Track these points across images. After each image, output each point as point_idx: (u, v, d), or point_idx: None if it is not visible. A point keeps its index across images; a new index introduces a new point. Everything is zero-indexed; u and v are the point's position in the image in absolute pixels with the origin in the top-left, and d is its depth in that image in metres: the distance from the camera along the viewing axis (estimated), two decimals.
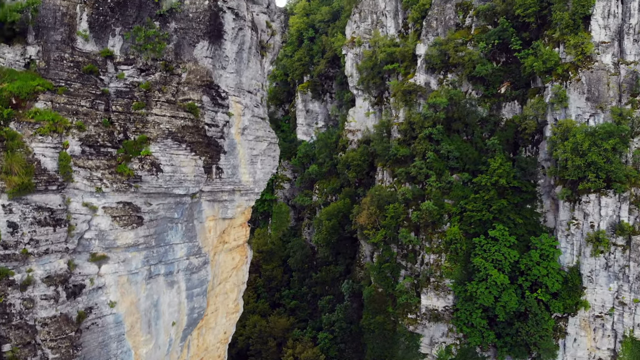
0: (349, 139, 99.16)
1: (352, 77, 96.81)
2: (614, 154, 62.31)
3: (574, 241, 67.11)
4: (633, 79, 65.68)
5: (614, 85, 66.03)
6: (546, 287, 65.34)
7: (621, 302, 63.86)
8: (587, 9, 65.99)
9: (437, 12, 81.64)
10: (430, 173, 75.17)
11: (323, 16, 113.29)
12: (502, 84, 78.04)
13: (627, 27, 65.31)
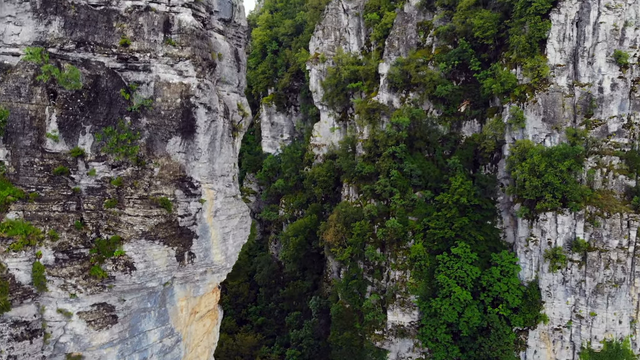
0: (314, 153, 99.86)
1: (317, 92, 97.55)
2: (569, 174, 65.06)
3: (532, 257, 69.69)
4: (587, 100, 68.67)
5: (569, 106, 68.88)
6: (507, 303, 67.59)
7: (578, 315, 66.74)
8: (543, 32, 68.59)
9: (398, 31, 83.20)
10: (395, 191, 76.62)
11: (286, 29, 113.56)
12: (461, 102, 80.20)
13: (581, 51, 68.20)
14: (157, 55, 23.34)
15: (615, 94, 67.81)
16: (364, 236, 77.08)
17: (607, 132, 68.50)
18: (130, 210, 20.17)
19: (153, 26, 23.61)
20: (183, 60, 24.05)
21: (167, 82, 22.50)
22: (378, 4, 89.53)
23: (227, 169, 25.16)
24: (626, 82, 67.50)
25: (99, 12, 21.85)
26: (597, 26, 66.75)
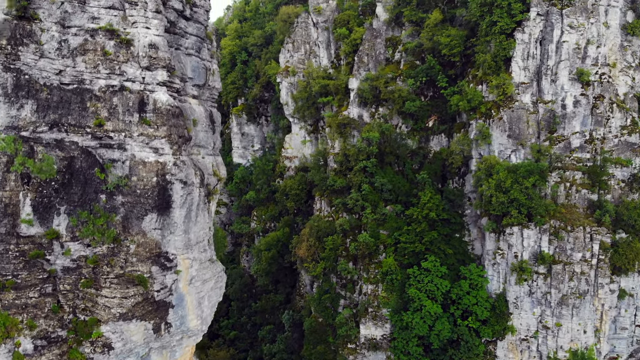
0: (286, 165, 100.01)
1: (288, 105, 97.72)
2: (534, 190, 67.07)
3: (499, 270, 71.56)
4: (550, 117, 70.92)
5: (533, 123, 71.01)
6: (476, 315, 69.19)
7: (545, 326, 68.88)
8: (508, 51, 70.49)
9: (367, 47, 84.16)
10: (366, 205, 77.50)
11: (256, 40, 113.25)
12: (429, 117, 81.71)
13: (545, 69, 70.35)
14: (133, 134, 23.33)
15: (578, 110, 70.22)
16: (337, 250, 77.73)
17: (570, 147, 70.89)
18: (107, 292, 20.08)
19: (128, 107, 23.63)
20: (159, 138, 24.08)
21: (143, 160, 22.54)
22: (347, 18, 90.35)
23: (203, 236, 25.27)
24: (588, 99, 69.97)
25: (72, 92, 21.72)
26: (560, 45, 68.98)
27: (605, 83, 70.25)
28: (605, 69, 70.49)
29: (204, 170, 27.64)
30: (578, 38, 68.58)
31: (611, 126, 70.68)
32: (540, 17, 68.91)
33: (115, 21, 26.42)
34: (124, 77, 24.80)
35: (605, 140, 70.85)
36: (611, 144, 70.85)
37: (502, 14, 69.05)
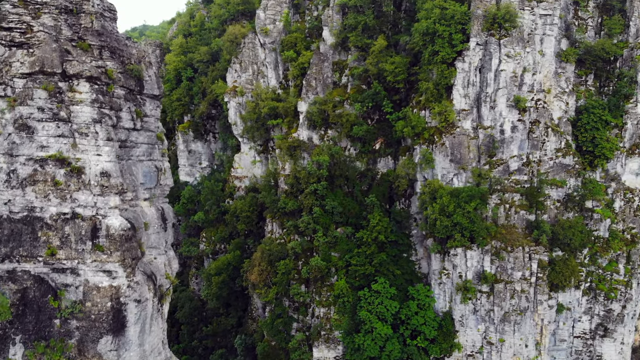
0: (236, 185, 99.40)
1: (237, 125, 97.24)
2: (475, 213, 70.17)
3: (445, 289, 74.44)
4: (490, 142, 74.38)
5: (474, 148, 74.26)
6: (424, 334, 71.71)
7: (489, 341, 72.30)
8: (449, 79, 73.43)
9: (315, 71, 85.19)
10: (318, 228, 78.49)
11: (202, 56, 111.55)
12: (376, 140, 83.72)
13: (484, 96, 73.72)
14: (86, 261, 23.20)
15: (515, 135, 74.03)
16: (289, 274, 78.24)
17: (508, 170, 74.64)
18: None
19: (80, 235, 23.56)
20: (112, 262, 24.00)
21: (97, 285, 22.49)
22: (294, 41, 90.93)
23: (157, 342, 25.27)
24: (525, 124, 73.93)
25: (22, 222, 21.43)
26: (498, 73, 72.51)
27: (540, 108, 74.42)
28: (541, 95, 74.68)
29: (157, 273, 27.61)
30: (515, 66, 72.29)
31: (547, 149, 74.93)
32: (480, 47, 72.17)
33: (65, 149, 26.16)
34: (76, 203, 24.56)
35: (541, 163, 75.07)
36: (547, 166, 75.13)
37: (444, 44, 71.86)
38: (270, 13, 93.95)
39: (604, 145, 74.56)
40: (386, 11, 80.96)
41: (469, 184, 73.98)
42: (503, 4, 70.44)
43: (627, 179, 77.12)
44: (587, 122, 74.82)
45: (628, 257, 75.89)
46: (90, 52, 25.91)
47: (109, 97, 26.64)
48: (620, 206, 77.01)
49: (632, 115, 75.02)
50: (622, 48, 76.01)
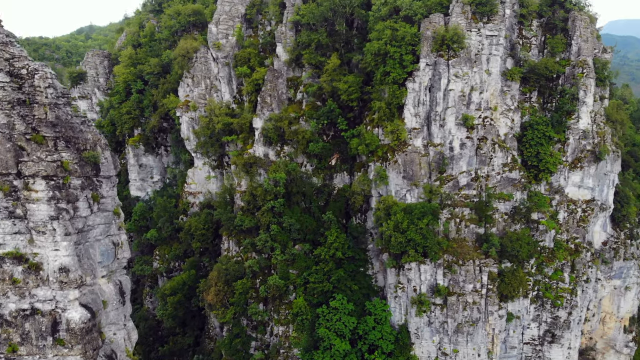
0: (190, 201, 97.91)
1: (190, 140, 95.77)
2: (428, 229, 72.15)
3: (401, 302, 76.17)
4: (440, 158, 76.62)
5: (425, 164, 76.31)
6: (381, 349, 73.13)
7: (443, 352, 74.55)
8: (401, 99, 75.13)
9: (270, 88, 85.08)
10: (275, 245, 78.59)
11: (152, 68, 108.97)
12: (332, 156, 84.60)
13: (434, 115, 75.83)
14: (47, 356, 22.71)
15: (464, 152, 76.60)
16: (247, 294, 77.94)
17: (458, 185, 77.15)
18: None
19: (41, 331, 23.14)
20: (74, 356, 23.53)
21: None
22: (248, 56, 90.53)
23: None
24: (473, 141, 76.58)
25: None
26: (447, 93, 74.76)
27: (487, 126, 77.28)
28: (488, 112, 77.57)
29: (117, 350, 27.26)
30: (463, 86, 74.76)
31: (494, 164, 77.90)
32: (429, 67, 74.21)
33: (22, 245, 25.57)
34: (35, 299, 24.04)
35: (489, 178, 78.01)
36: (494, 180, 78.14)
37: (395, 65, 73.47)
38: (223, 27, 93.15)
39: (548, 159, 78.18)
40: (339, 30, 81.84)
41: (421, 200, 76.02)
42: (451, 26, 72.71)
43: (570, 191, 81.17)
44: (531, 138, 78.25)
45: (572, 266, 79.96)
46: (45, 145, 25.30)
47: (66, 190, 26.11)
48: (564, 217, 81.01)
49: (574, 130, 78.97)
50: (564, 66, 79.84)
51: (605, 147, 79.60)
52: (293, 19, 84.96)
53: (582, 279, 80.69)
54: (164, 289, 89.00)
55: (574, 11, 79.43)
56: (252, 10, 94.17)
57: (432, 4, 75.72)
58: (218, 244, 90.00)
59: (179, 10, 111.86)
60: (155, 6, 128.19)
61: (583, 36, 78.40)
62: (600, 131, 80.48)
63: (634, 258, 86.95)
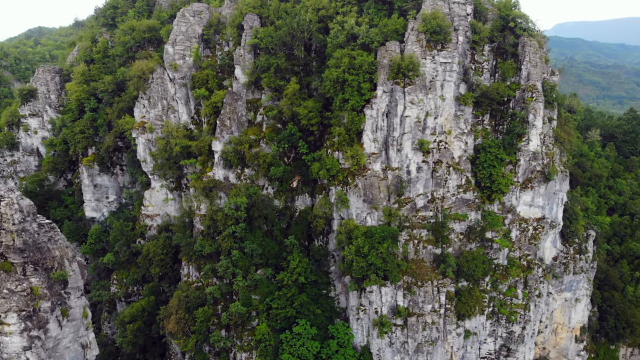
0: (147, 224, 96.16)
1: (147, 162, 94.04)
2: (388, 253, 73.66)
3: (363, 324, 77.50)
4: (398, 182, 78.37)
5: (384, 188, 77.86)
6: None
7: None
8: (359, 125, 76.37)
9: (229, 111, 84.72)
10: (237, 272, 78.34)
11: (106, 86, 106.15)
12: (293, 178, 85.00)
13: (391, 140, 77.45)
14: None
15: (421, 175, 78.64)
16: (208, 322, 77.35)
17: (415, 207, 79.11)
18: None
19: None
20: None
21: None
22: (206, 77, 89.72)
23: None
24: (429, 164, 78.69)
25: None
26: (403, 119, 76.53)
27: (442, 149, 79.59)
28: (442, 136, 79.89)
29: None
30: (418, 112, 76.72)
31: (449, 186, 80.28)
32: (386, 94, 75.81)
33: None
34: None
35: (445, 199, 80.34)
36: (450, 201, 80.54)
37: (353, 93, 74.64)
38: (180, 48, 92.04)
39: (500, 181, 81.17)
40: (297, 54, 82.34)
41: (381, 222, 77.55)
42: (407, 54, 74.53)
43: (522, 210, 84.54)
44: (484, 160, 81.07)
45: (525, 283, 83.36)
46: (14, 272, 24.63)
47: (36, 317, 25.54)
48: (517, 235, 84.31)
49: (525, 152, 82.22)
50: (515, 90, 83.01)
51: (554, 168, 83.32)
52: (251, 42, 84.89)
53: (535, 294, 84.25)
54: (123, 315, 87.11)
55: (523, 37, 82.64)
56: (209, 31, 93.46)
57: (388, 32, 77.38)
58: (177, 269, 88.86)
59: (133, 25, 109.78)
60: (109, 20, 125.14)
61: (532, 61, 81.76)
62: (549, 152, 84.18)
63: (583, 271, 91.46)
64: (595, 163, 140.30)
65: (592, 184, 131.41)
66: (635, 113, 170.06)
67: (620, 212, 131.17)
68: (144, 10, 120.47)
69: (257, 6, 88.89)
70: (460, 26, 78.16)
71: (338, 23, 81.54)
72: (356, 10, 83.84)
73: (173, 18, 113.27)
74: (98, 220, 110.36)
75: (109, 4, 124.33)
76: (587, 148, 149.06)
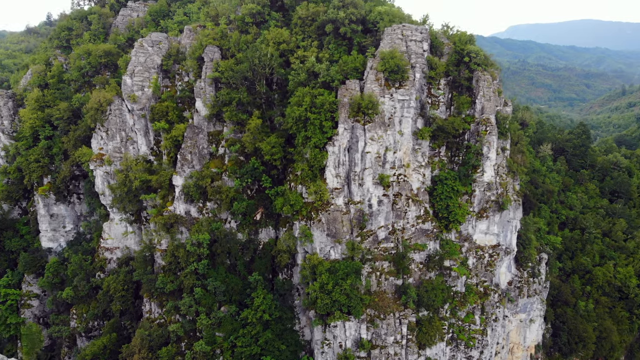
0: (106, 257, 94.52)
1: (105, 195, 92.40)
2: (352, 288, 75.09)
3: (328, 357, 78.70)
4: (360, 215, 79.94)
5: (347, 222, 79.26)
6: None
7: None
8: (322, 162, 77.46)
9: (190, 145, 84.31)
10: (200, 309, 78.15)
11: (62, 113, 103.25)
12: (257, 211, 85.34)
13: (353, 175, 78.92)
14: None
15: (382, 208, 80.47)
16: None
17: (377, 240, 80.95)
18: None
19: None
20: None
21: None
22: (166, 109, 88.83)
23: None
24: (389, 197, 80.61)
25: None
26: (364, 155, 78.11)
27: (402, 182, 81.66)
28: (402, 169, 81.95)
29: None
30: (378, 148, 78.48)
31: (409, 217, 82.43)
32: (347, 131, 77.18)
33: None
34: None
35: (405, 230, 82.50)
36: (409, 232, 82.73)
37: (315, 131, 75.73)
38: (138, 79, 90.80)
39: (457, 211, 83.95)
40: (259, 90, 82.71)
41: (344, 255, 78.95)
42: (366, 94, 76.14)
43: (478, 238, 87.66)
44: (441, 192, 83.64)
45: (482, 309, 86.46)
46: None
47: None
48: (473, 262, 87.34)
49: (480, 183, 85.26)
50: (470, 122, 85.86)
51: (508, 197, 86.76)
52: (212, 76, 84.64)
53: (492, 319, 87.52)
54: (84, 353, 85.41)
55: (477, 71, 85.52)
56: (168, 61, 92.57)
57: (348, 69, 78.80)
58: (139, 304, 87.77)
59: (89, 49, 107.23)
60: (63, 42, 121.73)
61: (486, 95, 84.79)
62: (502, 182, 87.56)
63: (537, 293, 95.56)
64: (547, 178, 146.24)
65: (544, 199, 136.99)
66: (584, 127, 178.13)
67: (571, 227, 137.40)
68: (99, 33, 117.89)
69: (218, 38, 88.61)
70: (417, 63, 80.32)
71: (299, 58, 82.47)
72: (316, 45, 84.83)
73: (131, 41, 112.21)
74: (55, 250, 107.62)
75: (64, 26, 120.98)
76: (539, 163, 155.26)
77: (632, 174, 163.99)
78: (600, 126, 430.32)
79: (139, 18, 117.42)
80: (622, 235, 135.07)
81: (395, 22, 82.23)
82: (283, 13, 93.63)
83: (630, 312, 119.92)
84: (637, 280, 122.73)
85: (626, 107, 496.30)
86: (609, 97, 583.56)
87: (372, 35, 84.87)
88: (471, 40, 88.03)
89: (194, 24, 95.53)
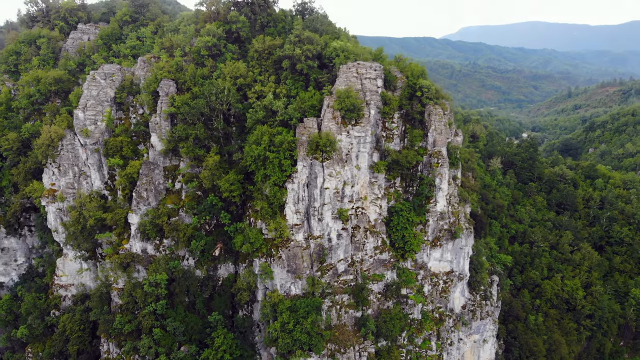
0: (61, 294, 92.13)
1: (58, 232, 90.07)
2: (312, 326, 76.22)
3: None
4: (320, 250, 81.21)
5: (307, 257, 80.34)
6: None
7: None
8: (281, 199, 78.22)
9: (145, 182, 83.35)
10: (160, 350, 77.54)
11: (11, 144, 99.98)
12: (216, 246, 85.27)
13: (312, 210, 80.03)
14: None
15: (341, 242, 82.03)
16: None
17: (337, 273, 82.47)
18: None
19: None
20: None
21: None
22: (120, 144, 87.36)
23: None
24: (348, 231, 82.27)
25: None
26: (323, 190, 79.37)
27: (360, 215, 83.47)
28: (359, 202, 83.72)
29: None
30: (337, 183, 79.95)
31: (367, 249, 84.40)
32: (306, 168, 78.23)
33: None
34: None
35: (363, 262, 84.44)
36: (368, 263, 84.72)
37: (275, 169, 76.45)
38: (91, 113, 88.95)
39: (412, 241, 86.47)
40: (217, 126, 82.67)
41: (305, 291, 80.00)
42: (324, 132, 77.39)
43: (432, 265, 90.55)
44: (397, 223, 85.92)
45: (438, 334, 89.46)
46: None
47: None
48: (429, 290, 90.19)
49: (433, 213, 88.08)
50: (422, 154, 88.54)
51: (460, 226, 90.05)
52: (168, 111, 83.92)
53: (447, 343, 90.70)
54: None
55: (429, 105, 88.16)
56: (122, 94, 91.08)
57: (306, 107, 79.81)
58: (97, 344, 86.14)
59: (38, 76, 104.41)
60: (11, 67, 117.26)
61: (438, 129, 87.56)
62: (455, 211, 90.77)
63: (489, 315, 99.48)
64: (497, 193, 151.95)
65: (495, 214, 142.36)
66: (532, 141, 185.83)
67: (521, 240, 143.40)
68: (49, 58, 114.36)
69: (173, 71, 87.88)
70: (372, 100, 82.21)
71: (256, 93, 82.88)
72: (274, 80, 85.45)
73: (82, 66, 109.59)
74: (7, 285, 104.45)
75: (11, 50, 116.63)
76: (490, 178, 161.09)
77: (577, 185, 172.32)
78: (547, 128, 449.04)
79: (90, 42, 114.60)
80: (569, 248, 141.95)
81: (350, 59, 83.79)
82: (239, 45, 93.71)
83: (578, 323, 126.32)
84: (583, 292, 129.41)
85: (572, 110, 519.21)
86: (555, 99, 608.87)
87: (329, 70, 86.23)
88: (423, 73, 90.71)
89: (148, 55, 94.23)
